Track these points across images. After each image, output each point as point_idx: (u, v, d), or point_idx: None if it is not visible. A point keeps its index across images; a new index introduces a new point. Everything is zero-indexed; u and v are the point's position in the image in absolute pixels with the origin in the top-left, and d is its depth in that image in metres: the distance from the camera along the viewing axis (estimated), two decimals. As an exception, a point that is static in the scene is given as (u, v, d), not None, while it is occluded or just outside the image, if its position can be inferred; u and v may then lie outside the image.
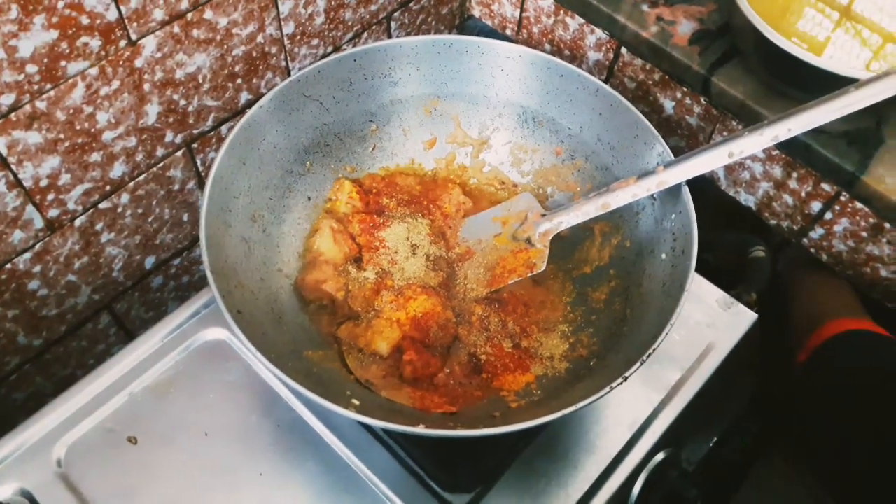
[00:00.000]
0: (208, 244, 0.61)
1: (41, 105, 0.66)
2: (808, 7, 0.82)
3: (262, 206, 0.71)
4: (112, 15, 0.66)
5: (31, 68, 0.63)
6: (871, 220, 0.78)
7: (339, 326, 0.71)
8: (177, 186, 0.85)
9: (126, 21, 0.67)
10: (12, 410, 0.84)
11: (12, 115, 0.64)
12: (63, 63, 0.65)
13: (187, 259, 0.93)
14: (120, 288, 0.87)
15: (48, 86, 0.65)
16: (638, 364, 0.56)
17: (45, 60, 0.64)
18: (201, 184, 0.87)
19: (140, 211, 0.82)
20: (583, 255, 0.77)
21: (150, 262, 0.88)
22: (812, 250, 0.86)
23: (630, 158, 0.74)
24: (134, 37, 0.69)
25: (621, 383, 0.56)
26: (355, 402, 0.61)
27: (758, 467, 1.02)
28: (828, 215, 0.82)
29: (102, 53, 0.67)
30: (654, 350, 0.57)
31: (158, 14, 0.69)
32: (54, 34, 0.63)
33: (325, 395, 0.55)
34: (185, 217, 0.89)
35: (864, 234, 0.80)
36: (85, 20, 0.64)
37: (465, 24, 1.10)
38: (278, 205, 0.73)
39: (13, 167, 0.67)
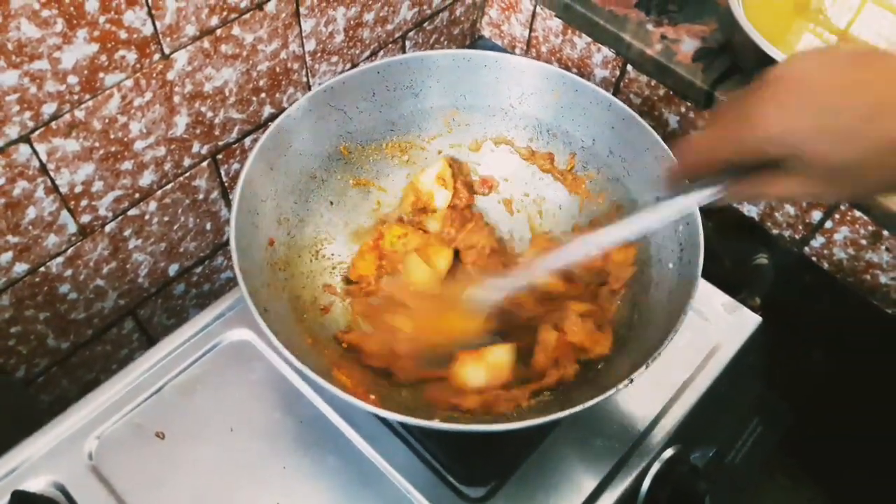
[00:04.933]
0: (238, 244, 0.64)
1: (80, 114, 0.69)
2: (806, 31, 0.86)
3: (287, 210, 0.74)
4: (148, 30, 0.69)
5: (73, 79, 0.67)
6: (870, 227, 0.81)
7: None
8: (201, 196, 0.88)
9: (160, 36, 0.71)
10: (38, 413, 0.87)
11: (53, 124, 0.68)
12: (101, 75, 0.69)
13: (209, 267, 0.97)
14: (144, 294, 0.90)
15: (87, 96, 0.69)
16: (643, 367, 0.59)
17: (86, 72, 0.67)
18: (225, 194, 0.91)
19: (166, 219, 0.86)
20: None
21: (173, 269, 0.91)
22: (813, 258, 0.89)
23: (640, 170, 0.77)
24: (167, 51, 0.72)
25: (627, 385, 0.59)
26: (372, 396, 0.63)
27: (761, 475, 1.04)
28: (828, 224, 0.85)
29: (137, 66, 0.71)
30: (658, 354, 0.60)
31: (190, 30, 0.73)
32: (95, 47, 0.66)
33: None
34: (208, 226, 0.92)
35: (864, 241, 0.83)
36: (123, 34, 0.68)
37: (475, 44, 1.14)
38: (302, 209, 0.77)
39: (51, 173, 0.71)
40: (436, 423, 0.58)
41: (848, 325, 0.92)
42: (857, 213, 0.81)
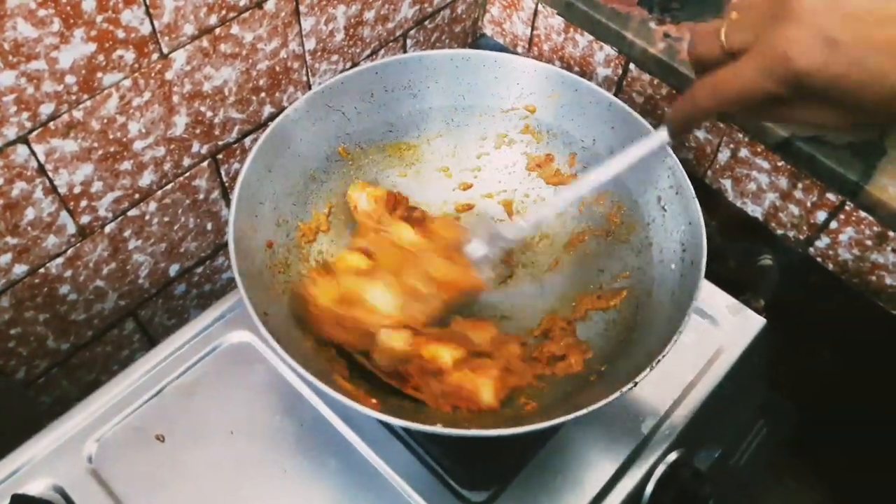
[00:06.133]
0: (236, 248, 0.64)
1: (78, 114, 0.69)
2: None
3: (286, 212, 0.74)
4: (146, 29, 0.69)
5: (70, 79, 0.66)
6: (876, 228, 0.81)
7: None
8: (201, 196, 0.87)
9: (159, 35, 0.70)
10: (39, 414, 0.87)
11: (51, 124, 0.67)
12: (99, 75, 0.68)
13: (210, 267, 0.96)
14: (145, 294, 0.90)
15: (85, 96, 0.68)
16: (647, 370, 0.58)
17: (83, 72, 0.67)
18: (225, 194, 0.90)
19: (166, 219, 0.85)
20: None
21: (174, 269, 0.91)
22: (818, 259, 0.88)
23: (642, 171, 0.76)
24: (166, 50, 0.72)
25: (631, 388, 0.58)
26: (374, 400, 0.63)
27: (766, 477, 1.03)
28: (833, 224, 0.84)
29: (136, 66, 0.70)
30: (663, 357, 0.59)
31: (189, 29, 0.72)
32: (92, 47, 0.66)
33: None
34: (209, 226, 0.91)
35: (869, 242, 0.82)
36: (121, 34, 0.67)
37: (477, 42, 1.13)
38: (301, 211, 0.76)
39: (49, 174, 0.70)
40: (438, 428, 0.58)
41: (853, 325, 0.92)
42: (863, 214, 0.81)
